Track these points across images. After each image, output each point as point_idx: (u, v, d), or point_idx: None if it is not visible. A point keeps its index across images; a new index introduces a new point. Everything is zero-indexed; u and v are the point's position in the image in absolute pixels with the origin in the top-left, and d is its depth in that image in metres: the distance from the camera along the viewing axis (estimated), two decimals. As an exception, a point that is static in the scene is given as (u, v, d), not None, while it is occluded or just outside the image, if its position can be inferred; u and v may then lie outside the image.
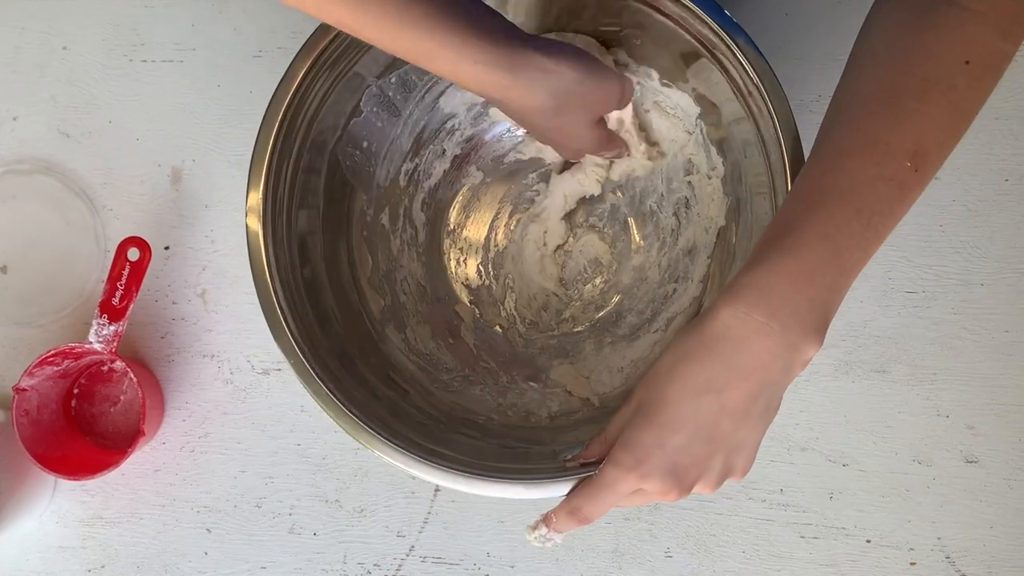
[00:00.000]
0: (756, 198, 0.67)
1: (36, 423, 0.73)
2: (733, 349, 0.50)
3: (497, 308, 0.77)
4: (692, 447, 0.51)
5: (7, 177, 0.79)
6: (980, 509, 0.75)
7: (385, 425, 0.63)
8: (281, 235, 0.65)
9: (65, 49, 0.81)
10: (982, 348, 0.76)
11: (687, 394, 0.51)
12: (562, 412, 0.73)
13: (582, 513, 0.55)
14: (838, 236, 0.50)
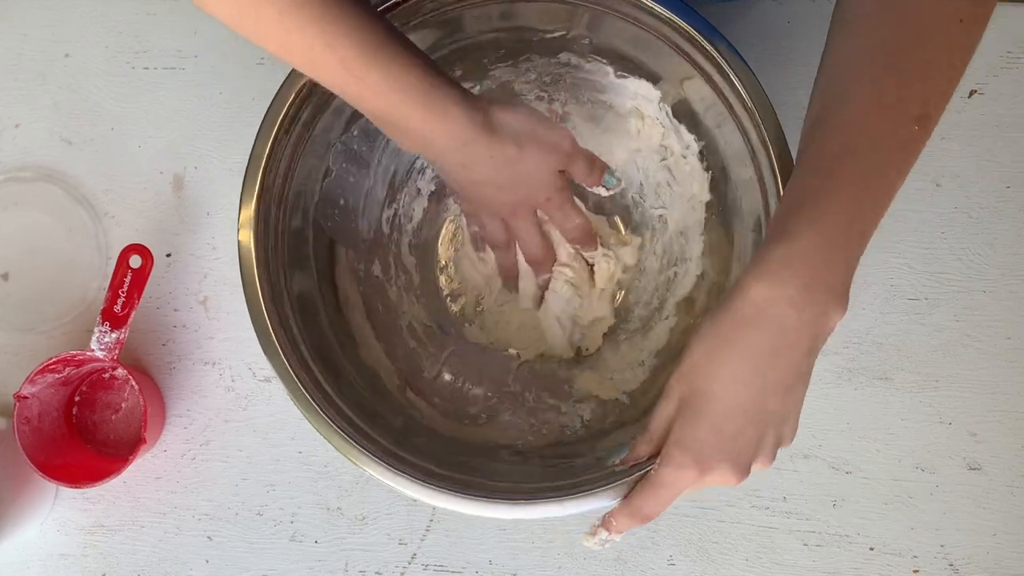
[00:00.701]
0: (736, 166, 0.67)
1: (37, 431, 0.73)
2: (769, 328, 0.50)
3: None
4: (745, 431, 0.52)
5: (9, 184, 0.79)
6: (983, 516, 0.75)
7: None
8: (283, 301, 0.65)
9: (67, 56, 0.81)
10: (984, 355, 0.76)
11: (732, 382, 0.51)
12: (595, 418, 0.72)
13: (643, 513, 0.55)
14: (854, 203, 0.50)
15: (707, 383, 0.52)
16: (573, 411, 0.73)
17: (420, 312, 0.76)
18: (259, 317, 0.62)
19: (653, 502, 0.54)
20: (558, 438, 0.71)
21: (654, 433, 0.55)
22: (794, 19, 0.79)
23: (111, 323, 0.73)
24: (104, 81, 0.81)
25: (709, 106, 0.67)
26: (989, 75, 0.78)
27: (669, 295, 0.75)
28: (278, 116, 0.63)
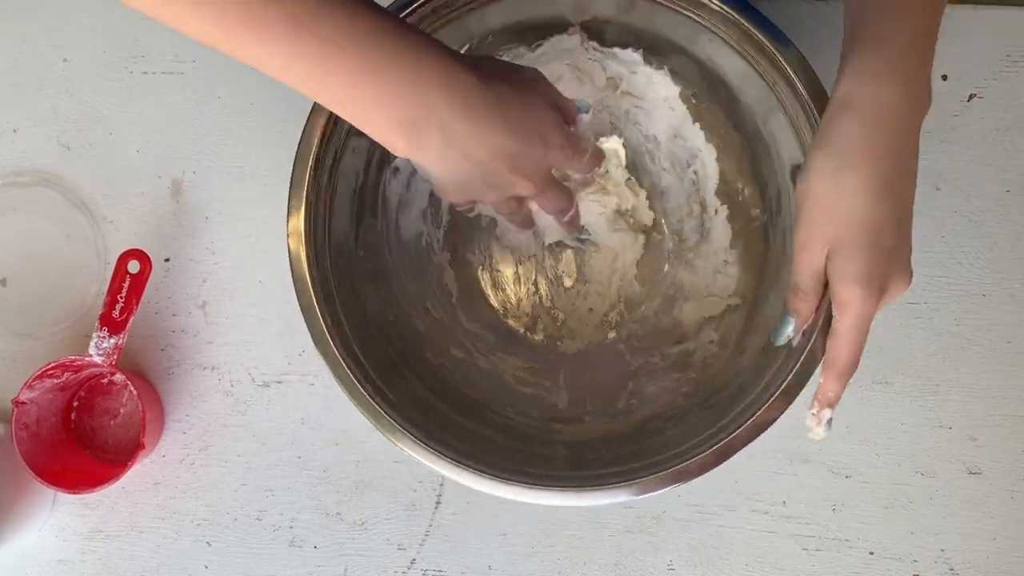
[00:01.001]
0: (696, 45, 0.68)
1: (35, 436, 0.73)
2: (888, 128, 0.52)
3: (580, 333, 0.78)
4: (901, 231, 0.53)
5: (7, 189, 0.79)
6: (983, 520, 0.75)
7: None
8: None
9: (65, 61, 0.81)
10: (984, 359, 0.76)
11: (873, 195, 0.52)
12: (725, 333, 0.72)
13: (852, 365, 0.55)
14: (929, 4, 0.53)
15: (851, 209, 0.52)
16: (700, 344, 0.72)
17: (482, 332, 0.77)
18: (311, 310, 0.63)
19: (853, 348, 0.55)
20: (707, 375, 0.71)
21: (807, 288, 0.55)
22: (793, 22, 0.79)
23: (109, 328, 0.72)
24: (102, 86, 0.80)
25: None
26: (988, 78, 0.78)
27: (703, 192, 0.75)
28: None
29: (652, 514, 0.76)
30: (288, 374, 0.77)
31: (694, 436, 0.63)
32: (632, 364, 0.74)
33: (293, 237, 0.63)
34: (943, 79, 0.78)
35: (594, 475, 0.63)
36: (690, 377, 0.71)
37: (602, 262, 0.77)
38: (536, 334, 0.77)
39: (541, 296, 0.77)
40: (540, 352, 0.76)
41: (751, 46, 0.64)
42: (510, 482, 0.62)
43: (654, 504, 0.76)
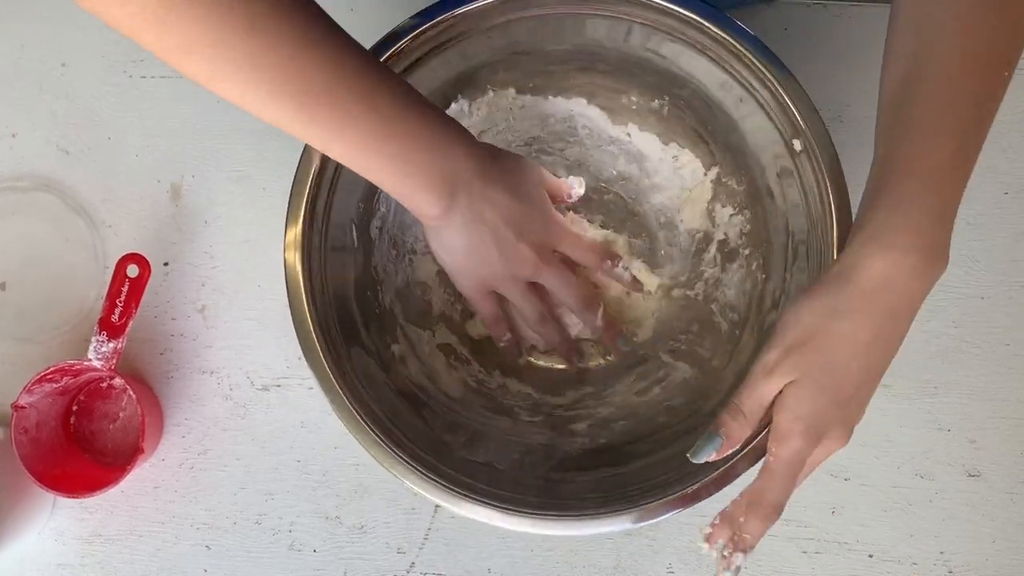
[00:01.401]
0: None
1: (35, 440, 0.73)
2: (893, 295, 0.51)
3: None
4: (859, 394, 0.53)
5: (6, 194, 0.79)
6: (982, 523, 0.75)
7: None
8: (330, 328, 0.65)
9: (64, 65, 0.81)
10: (983, 361, 0.76)
11: (855, 350, 0.52)
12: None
13: (780, 506, 0.54)
14: (958, 161, 0.52)
15: (829, 354, 0.52)
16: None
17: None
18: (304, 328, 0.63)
19: (784, 488, 0.54)
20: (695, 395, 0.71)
21: (750, 414, 0.54)
22: (792, 25, 0.79)
23: (108, 333, 0.72)
24: (101, 90, 0.81)
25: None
26: (986, 81, 0.78)
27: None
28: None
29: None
30: (287, 378, 0.77)
31: (664, 474, 0.63)
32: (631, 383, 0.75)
33: (290, 250, 0.63)
34: (941, 82, 0.78)
35: (594, 500, 0.62)
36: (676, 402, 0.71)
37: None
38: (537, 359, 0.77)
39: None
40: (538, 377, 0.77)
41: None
42: (506, 511, 0.61)
43: (653, 507, 0.76)
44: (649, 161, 0.75)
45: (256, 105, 0.52)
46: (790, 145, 0.64)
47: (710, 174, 0.73)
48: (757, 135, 0.67)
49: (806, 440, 0.52)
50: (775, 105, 0.64)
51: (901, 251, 0.51)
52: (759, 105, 0.65)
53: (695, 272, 0.75)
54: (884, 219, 0.51)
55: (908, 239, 0.51)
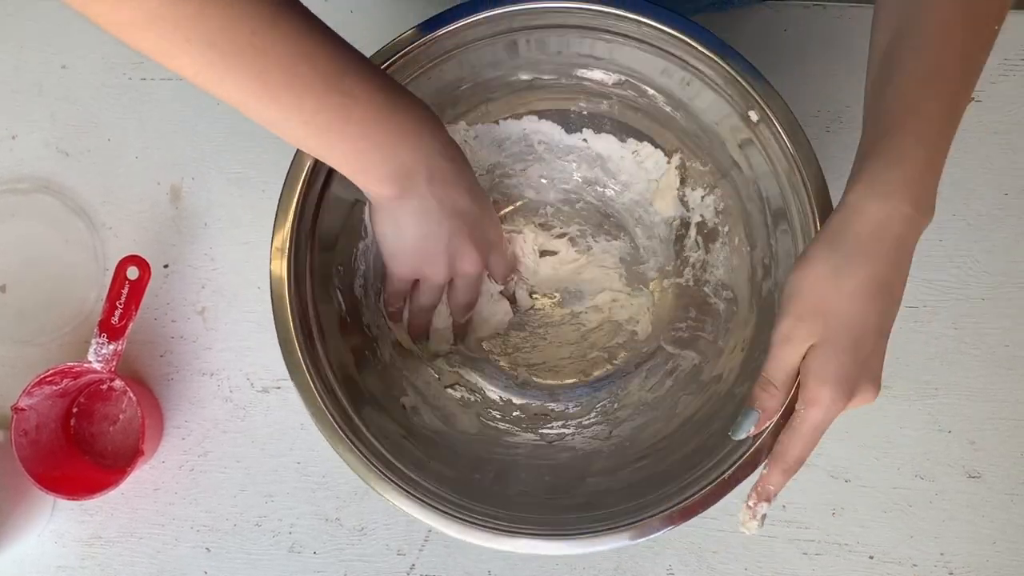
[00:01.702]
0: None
1: (35, 443, 0.73)
2: (891, 244, 0.53)
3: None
4: (878, 345, 0.54)
5: (6, 196, 0.79)
6: (983, 524, 0.75)
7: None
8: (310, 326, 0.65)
9: (64, 68, 0.81)
10: (983, 362, 0.76)
11: (864, 301, 0.53)
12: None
13: (799, 462, 0.55)
14: (949, 117, 0.54)
15: (840, 309, 0.53)
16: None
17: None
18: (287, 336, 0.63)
19: (807, 446, 0.55)
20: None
21: (780, 384, 0.55)
22: (791, 26, 0.79)
23: (108, 335, 0.72)
24: (101, 92, 0.81)
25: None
26: (987, 82, 0.78)
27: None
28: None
29: (651, 519, 0.76)
30: (287, 379, 0.76)
31: (695, 466, 0.62)
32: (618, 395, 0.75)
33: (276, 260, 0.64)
34: (941, 83, 0.78)
35: (597, 516, 0.62)
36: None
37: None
38: (515, 371, 0.77)
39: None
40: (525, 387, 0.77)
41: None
42: (548, 536, 0.60)
43: (653, 509, 0.76)
44: (611, 161, 0.76)
45: (214, 82, 0.50)
46: (746, 117, 0.64)
47: (673, 161, 0.73)
48: (710, 113, 0.67)
49: (835, 400, 0.53)
50: (720, 80, 0.64)
51: (897, 201, 0.52)
52: (704, 84, 0.65)
53: (680, 259, 0.75)
54: (880, 171, 0.53)
55: (903, 189, 0.52)
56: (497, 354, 0.76)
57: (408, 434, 0.68)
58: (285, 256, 0.63)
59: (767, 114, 0.62)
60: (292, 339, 0.63)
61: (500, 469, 0.69)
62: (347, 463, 0.61)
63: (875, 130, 0.54)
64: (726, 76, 0.63)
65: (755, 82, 0.62)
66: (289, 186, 0.64)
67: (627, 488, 0.65)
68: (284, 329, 0.63)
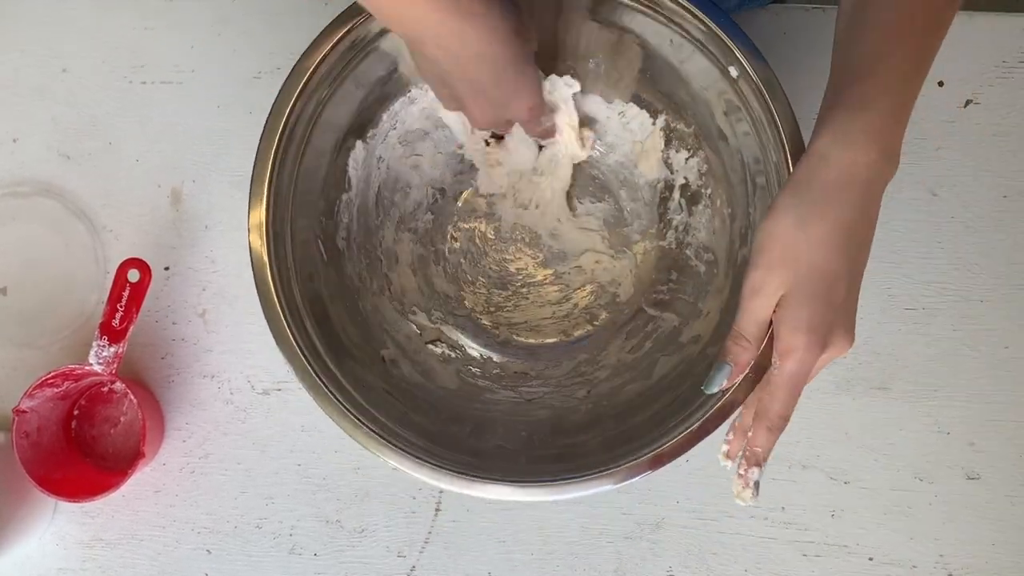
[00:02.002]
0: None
1: (36, 445, 0.73)
2: (857, 190, 0.53)
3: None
4: (850, 292, 0.54)
5: (7, 199, 0.79)
6: (982, 526, 0.75)
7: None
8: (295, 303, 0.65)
9: (65, 71, 0.81)
10: (982, 364, 0.76)
11: (832, 248, 0.53)
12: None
13: (783, 417, 0.55)
14: (915, 68, 0.54)
15: (808, 257, 0.53)
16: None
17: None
18: (274, 317, 0.63)
19: (789, 399, 0.55)
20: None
21: (751, 336, 0.55)
22: (790, 29, 0.80)
23: (109, 337, 0.73)
24: (102, 95, 0.81)
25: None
26: (984, 85, 0.78)
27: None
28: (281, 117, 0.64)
29: (651, 520, 0.76)
30: (288, 382, 0.78)
31: (666, 420, 0.63)
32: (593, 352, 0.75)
33: (255, 232, 0.64)
34: (939, 85, 0.78)
35: (571, 467, 0.63)
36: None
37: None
38: (497, 329, 0.77)
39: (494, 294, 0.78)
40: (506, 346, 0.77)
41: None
42: (520, 484, 0.61)
43: (653, 510, 0.76)
44: (597, 122, 0.76)
45: None
46: (727, 74, 0.64)
47: (658, 122, 0.74)
48: (694, 71, 0.68)
49: (810, 349, 0.53)
50: (701, 36, 0.64)
51: (862, 148, 0.53)
52: (689, 41, 0.66)
53: (664, 222, 0.76)
54: (846, 119, 0.53)
55: (868, 137, 0.53)
56: (479, 312, 0.77)
57: (389, 388, 0.69)
58: (264, 208, 0.64)
59: (746, 71, 0.63)
60: (270, 289, 0.63)
61: (477, 423, 0.70)
62: (326, 413, 0.63)
63: (842, 80, 0.55)
64: (706, 31, 0.63)
65: (734, 36, 0.63)
66: (265, 145, 0.64)
67: (602, 442, 0.66)
68: (263, 282, 0.64)
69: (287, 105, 0.65)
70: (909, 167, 0.78)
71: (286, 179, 0.66)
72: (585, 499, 0.76)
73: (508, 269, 0.77)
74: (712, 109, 0.69)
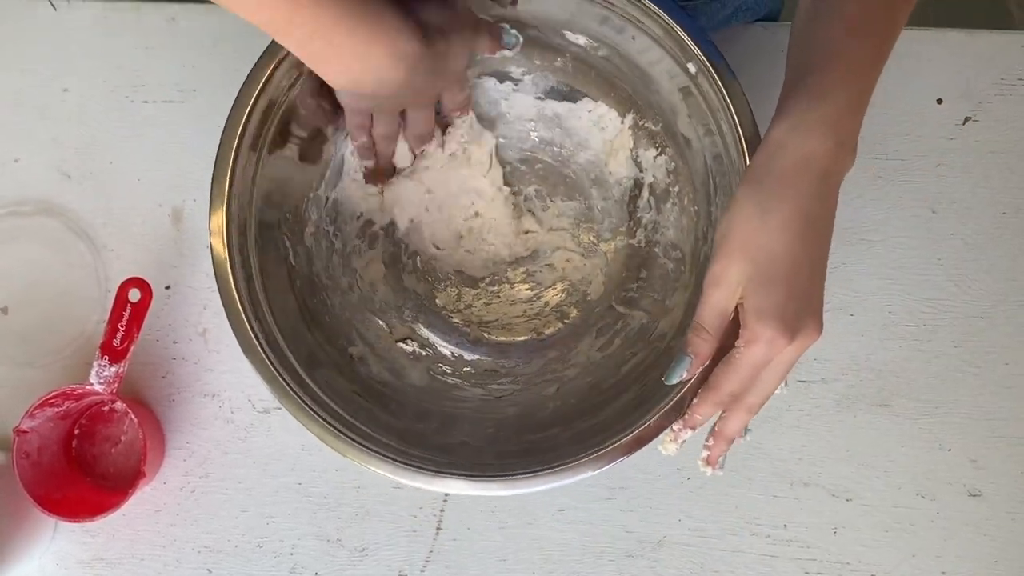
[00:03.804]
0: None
1: (37, 465, 0.73)
2: (813, 178, 0.53)
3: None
4: (813, 280, 0.54)
5: (8, 218, 0.80)
6: (984, 543, 0.75)
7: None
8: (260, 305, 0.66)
9: (66, 91, 0.81)
10: (983, 381, 0.76)
11: (790, 235, 0.53)
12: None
13: (730, 396, 0.56)
14: (872, 61, 0.56)
15: (767, 244, 0.53)
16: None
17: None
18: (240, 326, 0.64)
19: (742, 380, 0.55)
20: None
21: (711, 328, 0.55)
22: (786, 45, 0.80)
23: (110, 357, 0.73)
24: (103, 115, 0.81)
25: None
26: (983, 102, 0.78)
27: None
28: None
29: (653, 538, 0.76)
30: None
31: (626, 416, 0.63)
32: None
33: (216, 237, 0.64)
34: (938, 103, 0.79)
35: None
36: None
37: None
38: (468, 327, 0.77)
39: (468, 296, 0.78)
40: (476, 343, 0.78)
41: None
42: (480, 479, 0.62)
43: (655, 528, 0.76)
44: (567, 121, 0.76)
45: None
46: (686, 69, 0.65)
47: (627, 120, 0.74)
48: (663, 76, 0.68)
49: (776, 336, 0.53)
50: (661, 33, 0.65)
51: (819, 137, 0.53)
52: (649, 38, 0.66)
53: (634, 220, 0.76)
54: (803, 108, 0.54)
55: (826, 127, 0.53)
56: (451, 311, 0.77)
57: (359, 389, 0.69)
58: (224, 212, 0.64)
59: (704, 68, 0.63)
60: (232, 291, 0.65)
61: (444, 420, 0.70)
62: (292, 414, 0.63)
63: (800, 71, 0.56)
64: (665, 28, 0.64)
65: (692, 32, 0.63)
66: (224, 149, 0.66)
67: (567, 437, 0.66)
68: (225, 288, 0.65)
69: (246, 105, 0.66)
70: (908, 183, 0.78)
71: (248, 178, 0.66)
72: (586, 517, 0.76)
73: (477, 268, 0.78)
74: (676, 109, 0.70)
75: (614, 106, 0.75)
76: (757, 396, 0.56)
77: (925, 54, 0.79)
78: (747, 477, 0.76)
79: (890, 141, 0.79)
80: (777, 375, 0.55)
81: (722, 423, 0.58)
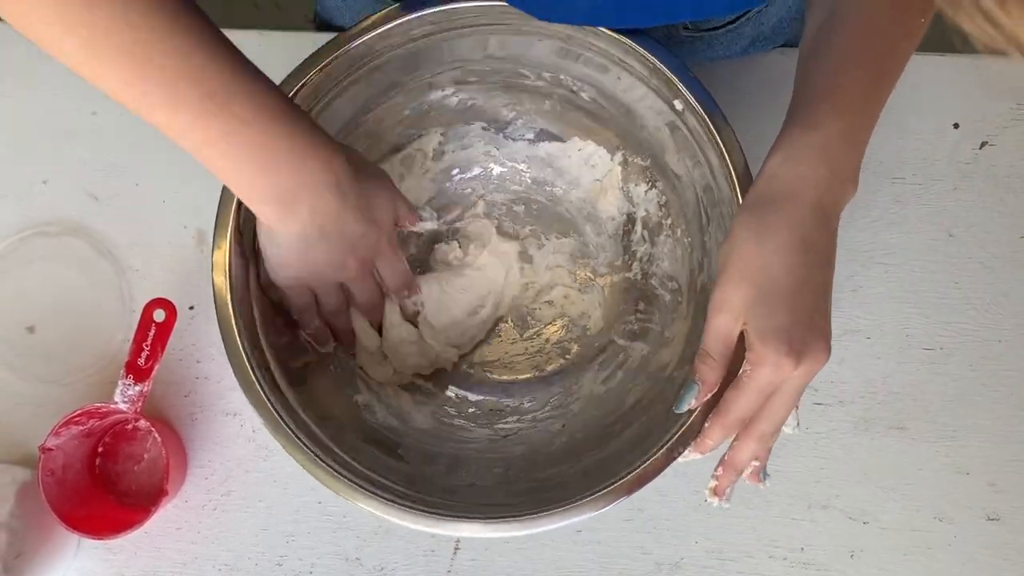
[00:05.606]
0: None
1: (61, 482, 0.74)
2: (806, 205, 0.54)
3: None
4: (818, 304, 0.55)
5: (36, 238, 0.81)
6: (1003, 568, 0.75)
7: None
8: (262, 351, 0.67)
9: (94, 114, 0.83)
10: (1001, 404, 0.76)
11: (789, 259, 0.53)
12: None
13: (736, 419, 0.56)
14: (870, 94, 0.56)
15: (767, 269, 0.53)
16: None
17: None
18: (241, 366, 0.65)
19: (749, 405, 0.55)
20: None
21: (716, 354, 0.55)
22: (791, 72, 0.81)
23: (135, 376, 0.74)
24: (130, 138, 0.82)
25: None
26: (999, 127, 0.79)
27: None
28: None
29: (671, 560, 0.76)
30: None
31: (640, 444, 0.63)
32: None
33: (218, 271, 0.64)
34: (955, 127, 0.79)
35: (548, 498, 0.63)
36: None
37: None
38: (472, 368, 0.78)
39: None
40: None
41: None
42: (491, 521, 0.61)
43: (673, 550, 0.76)
44: (558, 160, 0.78)
45: (91, 78, 0.52)
46: (672, 106, 0.65)
47: (616, 157, 0.76)
48: (649, 113, 0.69)
49: (781, 358, 0.53)
50: (645, 72, 0.66)
51: (810, 165, 0.54)
52: (634, 77, 0.67)
53: (629, 253, 0.77)
54: (797, 137, 0.55)
55: (817, 155, 0.54)
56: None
57: (365, 437, 0.69)
58: (226, 256, 0.64)
59: (688, 103, 0.64)
60: (235, 340, 0.65)
61: (452, 462, 0.70)
62: (299, 463, 0.65)
63: (798, 102, 0.57)
64: (649, 67, 0.65)
65: (676, 70, 0.64)
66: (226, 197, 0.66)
67: (575, 474, 0.66)
68: (230, 339, 0.65)
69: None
70: (926, 207, 0.79)
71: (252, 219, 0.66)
72: (604, 538, 0.76)
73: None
74: (663, 144, 0.70)
75: (603, 144, 0.76)
76: (767, 423, 0.56)
77: (942, 79, 0.80)
78: (765, 499, 0.76)
79: (907, 165, 0.79)
80: (786, 401, 0.55)
81: (731, 452, 0.58)
